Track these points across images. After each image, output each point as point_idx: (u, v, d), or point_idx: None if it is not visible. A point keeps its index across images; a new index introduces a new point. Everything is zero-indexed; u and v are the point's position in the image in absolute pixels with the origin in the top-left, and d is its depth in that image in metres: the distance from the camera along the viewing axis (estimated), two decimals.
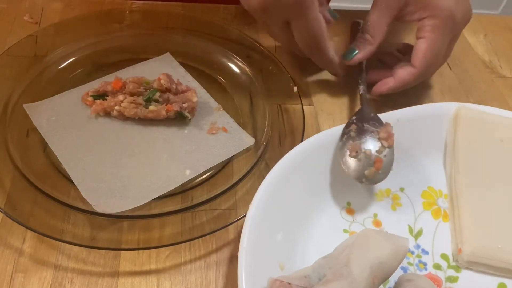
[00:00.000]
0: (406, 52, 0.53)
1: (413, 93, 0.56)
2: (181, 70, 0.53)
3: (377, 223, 0.43)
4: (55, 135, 0.45)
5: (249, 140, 0.47)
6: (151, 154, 0.45)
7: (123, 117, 0.47)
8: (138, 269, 0.39)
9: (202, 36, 0.56)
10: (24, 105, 0.46)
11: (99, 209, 0.40)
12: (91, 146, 0.45)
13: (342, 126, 0.44)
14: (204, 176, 0.44)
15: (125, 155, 0.45)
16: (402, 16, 0.49)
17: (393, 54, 0.55)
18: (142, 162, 0.44)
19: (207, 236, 0.40)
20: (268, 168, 0.40)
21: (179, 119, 0.48)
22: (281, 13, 0.46)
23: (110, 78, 0.50)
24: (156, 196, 0.42)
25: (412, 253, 0.41)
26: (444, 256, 0.41)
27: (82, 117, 0.47)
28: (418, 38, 0.49)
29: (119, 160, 0.44)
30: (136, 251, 0.40)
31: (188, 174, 0.44)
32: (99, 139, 0.46)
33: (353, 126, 0.44)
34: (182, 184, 0.43)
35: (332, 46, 0.50)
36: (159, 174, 0.43)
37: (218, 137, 0.47)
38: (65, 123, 0.46)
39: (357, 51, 0.49)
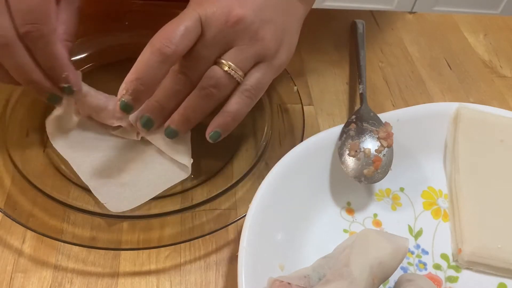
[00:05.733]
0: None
1: (413, 93, 0.56)
2: None
3: (377, 223, 0.43)
4: (57, 134, 0.45)
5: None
6: (155, 146, 0.45)
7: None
8: (138, 269, 0.39)
9: None
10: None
11: (111, 207, 0.40)
12: (95, 145, 0.45)
13: (342, 126, 0.44)
14: (204, 177, 0.44)
15: (130, 150, 0.45)
16: None
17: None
18: (146, 155, 0.44)
19: (207, 236, 0.40)
20: (268, 168, 0.40)
21: None
22: None
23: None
24: (169, 186, 0.42)
25: (412, 253, 0.41)
26: (444, 256, 0.41)
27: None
28: None
29: (124, 156, 0.44)
30: (136, 251, 0.40)
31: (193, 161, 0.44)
32: (101, 136, 0.45)
33: (353, 125, 0.44)
34: (182, 184, 0.43)
35: None
36: (165, 166, 0.43)
37: None
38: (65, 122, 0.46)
39: None
